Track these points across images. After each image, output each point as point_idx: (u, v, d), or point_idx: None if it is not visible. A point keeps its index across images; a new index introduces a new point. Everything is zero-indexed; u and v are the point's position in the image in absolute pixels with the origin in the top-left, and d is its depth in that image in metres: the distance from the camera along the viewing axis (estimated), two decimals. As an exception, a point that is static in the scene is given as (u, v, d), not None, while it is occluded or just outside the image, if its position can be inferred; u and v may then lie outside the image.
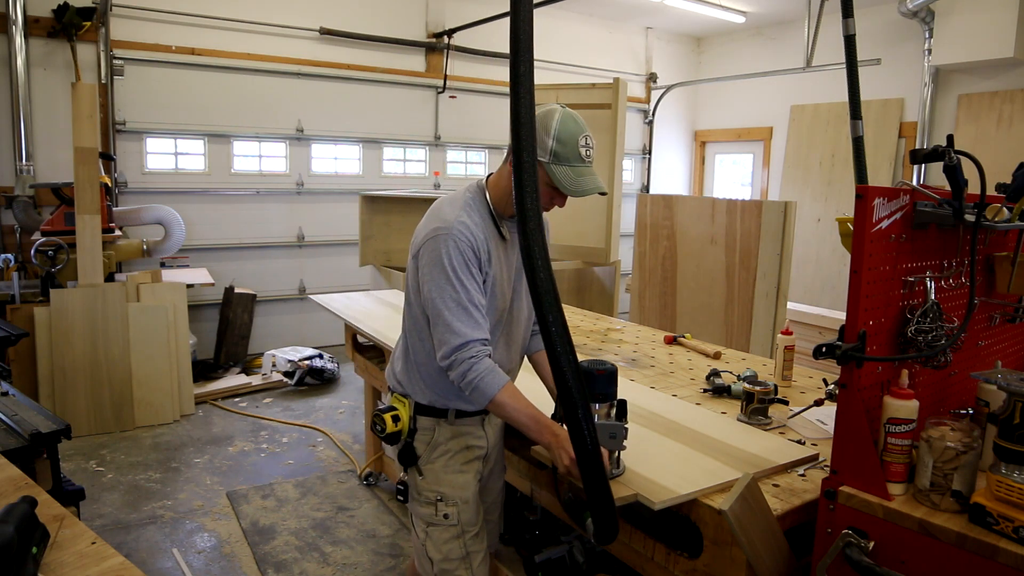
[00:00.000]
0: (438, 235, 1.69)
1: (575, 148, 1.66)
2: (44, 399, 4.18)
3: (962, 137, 6.21)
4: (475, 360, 1.65)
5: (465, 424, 1.88)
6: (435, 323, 1.70)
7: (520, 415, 1.67)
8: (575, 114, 1.72)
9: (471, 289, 1.69)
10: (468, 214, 1.73)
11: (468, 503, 1.87)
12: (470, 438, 1.90)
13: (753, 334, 4.10)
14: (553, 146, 1.65)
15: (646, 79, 8.44)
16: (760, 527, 1.47)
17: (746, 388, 2.13)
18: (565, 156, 1.66)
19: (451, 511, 1.84)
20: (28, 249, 4.41)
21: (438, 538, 1.85)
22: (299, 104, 6.16)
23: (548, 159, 1.65)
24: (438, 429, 1.86)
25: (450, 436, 1.87)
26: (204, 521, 3.35)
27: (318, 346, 6.00)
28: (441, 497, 1.84)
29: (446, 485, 1.85)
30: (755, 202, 4.13)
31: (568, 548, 2.46)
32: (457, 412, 1.86)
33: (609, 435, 1.57)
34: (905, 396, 1.42)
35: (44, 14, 4.99)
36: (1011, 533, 1.24)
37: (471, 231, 1.70)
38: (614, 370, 1.65)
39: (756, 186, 8.46)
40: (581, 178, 1.68)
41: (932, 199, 1.51)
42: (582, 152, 1.68)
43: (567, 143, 1.65)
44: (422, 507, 1.87)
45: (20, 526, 1.25)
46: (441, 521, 1.84)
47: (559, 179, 1.66)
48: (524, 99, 1.35)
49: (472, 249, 1.69)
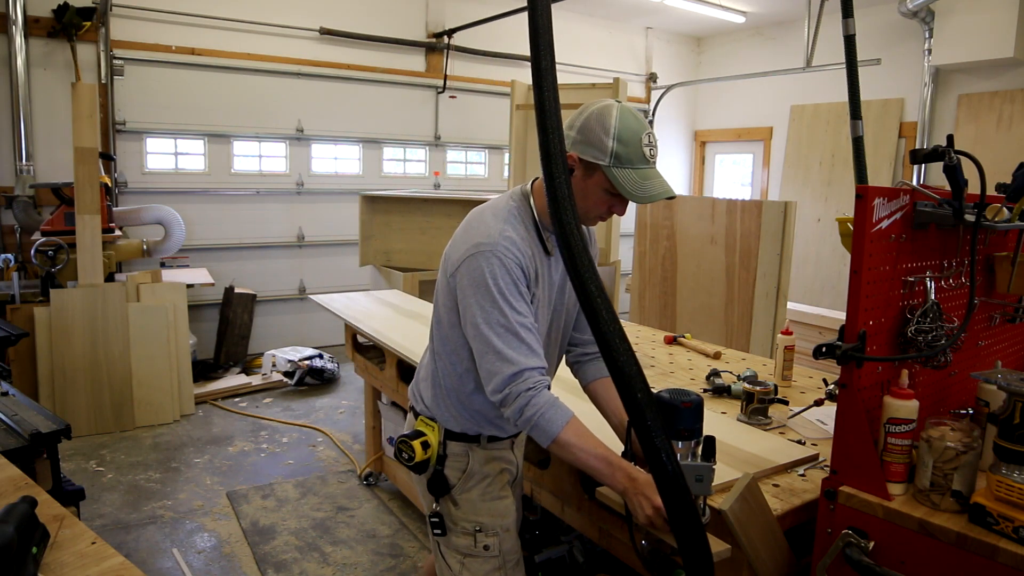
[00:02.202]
0: (480, 251, 1.49)
1: (638, 148, 1.47)
2: (44, 399, 4.18)
3: (962, 137, 6.21)
4: (533, 393, 1.46)
5: (497, 448, 1.74)
6: (483, 353, 1.50)
7: (589, 457, 1.45)
8: (634, 109, 1.52)
9: (522, 312, 1.49)
10: (513, 227, 1.54)
11: (509, 531, 1.72)
12: (502, 463, 1.76)
13: (753, 334, 4.10)
14: (614, 147, 1.45)
15: (646, 79, 8.44)
16: (760, 527, 1.47)
17: (746, 388, 2.13)
18: (628, 158, 1.46)
19: (491, 542, 1.68)
20: (28, 249, 4.41)
21: (477, 570, 1.69)
22: (299, 104, 6.16)
23: (609, 162, 1.46)
24: (472, 455, 1.70)
25: (484, 461, 1.71)
26: (204, 521, 3.35)
27: (318, 346, 6.00)
28: (480, 528, 1.68)
29: (485, 514, 1.68)
30: (755, 202, 4.13)
31: (568, 548, 2.46)
32: (490, 436, 1.71)
33: (695, 478, 1.37)
34: (905, 396, 1.42)
35: (44, 14, 4.99)
36: (1011, 533, 1.24)
37: (518, 247, 1.51)
38: (700, 402, 1.44)
39: (756, 186, 8.46)
40: (647, 182, 1.48)
41: (932, 199, 1.50)
42: (646, 152, 1.48)
43: (629, 143, 1.46)
44: (457, 538, 1.69)
45: (20, 526, 1.24)
46: (481, 553, 1.68)
47: (622, 184, 1.46)
48: (548, 94, 1.19)
49: (520, 267, 1.50)
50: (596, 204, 1.55)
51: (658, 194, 1.48)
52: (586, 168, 1.50)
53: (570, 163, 1.49)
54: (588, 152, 1.48)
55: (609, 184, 1.49)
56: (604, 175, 1.48)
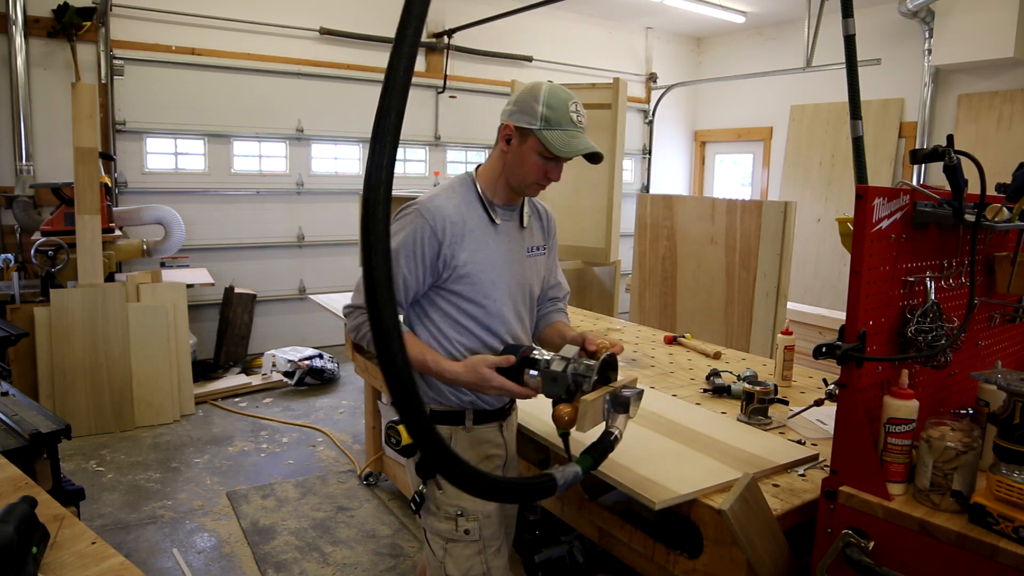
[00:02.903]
0: (408, 210, 1.68)
1: (566, 112, 1.63)
2: (44, 399, 4.18)
3: (962, 137, 6.21)
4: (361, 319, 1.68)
5: (483, 431, 1.81)
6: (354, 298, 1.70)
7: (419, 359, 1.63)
8: (562, 86, 1.69)
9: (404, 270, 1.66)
10: (449, 198, 1.70)
11: (490, 517, 1.78)
12: (490, 447, 1.83)
13: (753, 334, 4.10)
14: (543, 111, 1.61)
15: (646, 79, 8.44)
16: (760, 527, 1.47)
17: (746, 388, 2.13)
18: (557, 121, 1.62)
19: (472, 526, 1.74)
20: (28, 249, 4.41)
21: (458, 555, 1.75)
22: (299, 104, 6.16)
23: (540, 125, 1.62)
24: (455, 437, 1.78)
25: (470, 444, 1.79)
26: (204, 521, 3.35)
27: (318, 346, 6.00)
28: (462, 512, 1.74)
29: (467, 499, 1.72)
30: (755, 202, 4.13)
31: (568, 548, 2.46)
32: (475, 417, 1.78)
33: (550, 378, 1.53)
34: (905, 396, 1.42)
35: (44, 14, 4.99)
36: (1011, 533, 1.24)
37: (443, 212, 1.66)
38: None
39: (756, 186, 8.46)
40: (574, 140, 1.63)
41: (932, 199, 1.51)
42: (573, 116, 1.64)
43: (557, 108, 1.62)
44: (440, 522, 1.76)
45: (20, 526, 1.24)
46: (462, 537, 1.74)
47: (551, 143, 1.62)
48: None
49: (434, 229, 1.64)
50: (532, 170, 1.68)
51: (584, 148, 1.64)
52: (521, 135, 1.65)
53: (507, 132, 1.67)
54: (522, 119, 1.64)
55: (541, 147, 1.63)
56: (536, 138, 1.63)
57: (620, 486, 1.64)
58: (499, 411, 1.83)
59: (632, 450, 1.81)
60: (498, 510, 1.81)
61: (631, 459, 1.74)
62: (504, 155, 1.69)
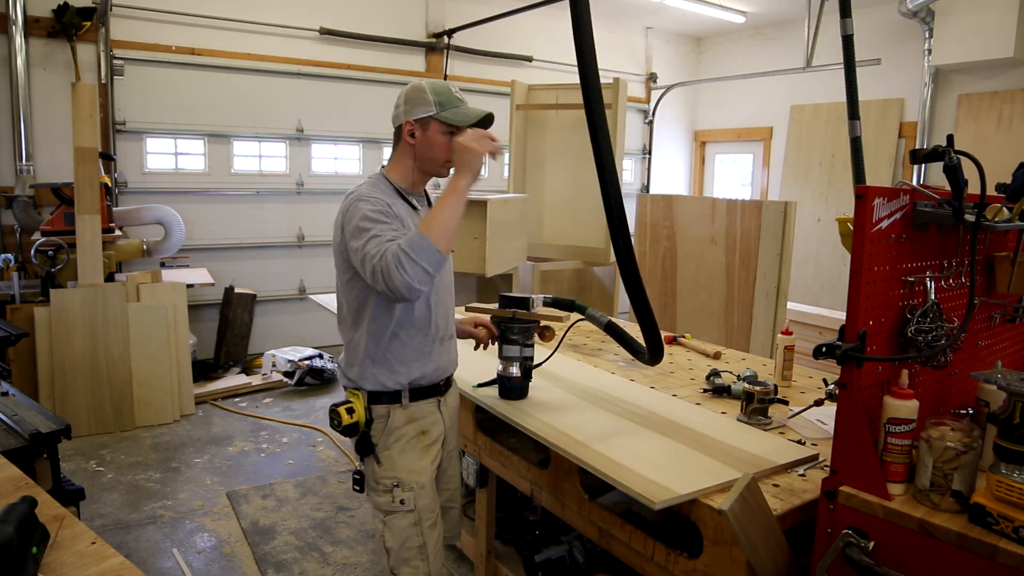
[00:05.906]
0: (353, 201, 1.79)
1: (451, 93, 1.85)
2: (44, 399, 4.18)
3: (962, 137, 6.21)
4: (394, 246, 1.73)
5: (420, 407, 1.93)
6: (362, 259, 1.69)
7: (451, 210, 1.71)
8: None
9: (389, 223, 1.75)
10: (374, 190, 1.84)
11: (425, 488, 1.90)
12: (425, 422, 1.94)
13: (753, 334, 4.10)
14: (433, 98, 1.82)
15: (646, 79, 8.44)
16: (760, 527, 1.47)
17: (746, 388, 2.13)
18: (448, 101, 1.83)
19: (407, 496, 1.87)
20: (28, 249, 4.41)
21: (396, 526, 1.88)
22: (299, 104, 6.16)
23: (436, 109, 1.81)
24: (393, 414, 1.90)
25: (405, 421, 1.91)
26: (204, 521, 3.35)
27: (318, 346, 6.00)
28: (398, 483, 1.87)
29: (402, 470, 1.88)
30: (755, 202, 4.13)
31: (568, 548, 2.46)
32: (411, 394, 1.90)
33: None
34: (905, 396, 1.42)
35: (44, 14, 4.99)
36: (1011, 533, 1.24)
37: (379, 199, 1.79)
38: None
39: (756, 186, 8.46)
40: (468, 110, 1.84)
41: (932, 199, 1.51)
42: (458, 96, 1.86)
43: (442, 92, 1.84)
44: (379, 496, 1.90)
45: (20, 526, 1.24)
46: (398, 507, 1.87)
47: (451, 118, 1.81)
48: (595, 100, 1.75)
49: (382, 209, 1.77)
50: (441, 150, 1.85)
51: (477, 114, 1.85)
52: (422, 125, 1.84)
53: (409, 128, 1.84)
54: (418, 111, 1.83)
55: (443, 126, 1.83)
56: (437, 121, 1.83)
57: (620, 486, 1.64)
58: (434, 387, 1.96)
59: (632, 450, 1.81)
60: (431, 483, 1.93)
61: (631, 459, 1.74)
62: (412, 148, 1.86)
